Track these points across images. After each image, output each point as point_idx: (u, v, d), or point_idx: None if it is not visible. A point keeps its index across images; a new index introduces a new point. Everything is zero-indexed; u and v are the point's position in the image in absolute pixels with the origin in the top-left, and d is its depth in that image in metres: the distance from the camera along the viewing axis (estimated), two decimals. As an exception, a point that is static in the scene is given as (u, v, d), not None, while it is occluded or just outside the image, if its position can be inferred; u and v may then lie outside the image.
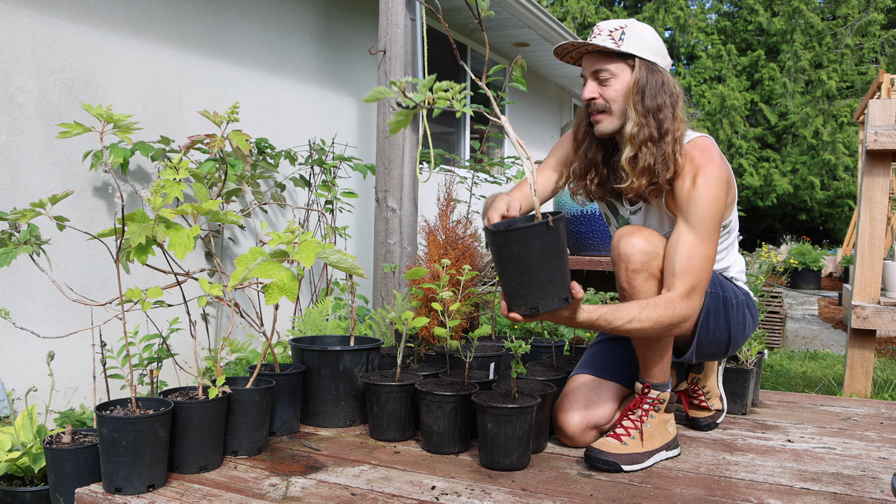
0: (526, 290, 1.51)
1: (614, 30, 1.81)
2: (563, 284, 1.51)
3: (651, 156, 1.79)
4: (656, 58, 1.82)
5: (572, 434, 1.96)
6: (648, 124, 1.78)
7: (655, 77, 1.80)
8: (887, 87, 6.86)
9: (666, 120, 1.79)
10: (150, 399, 1.74)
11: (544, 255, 1.48)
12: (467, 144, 6.46)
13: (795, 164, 19.02)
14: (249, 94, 3.74)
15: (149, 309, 1.83)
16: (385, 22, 3.29)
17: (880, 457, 1.97)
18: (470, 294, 2.77)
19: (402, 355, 2.13)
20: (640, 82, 1.79)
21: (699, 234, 1.77)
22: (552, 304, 1.51)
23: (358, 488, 1.66)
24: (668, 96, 1.80)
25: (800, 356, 4.88)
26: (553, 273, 1.49)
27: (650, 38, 1.82)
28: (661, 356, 1.87)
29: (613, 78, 1.82)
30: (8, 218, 1.73)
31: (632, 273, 1.80)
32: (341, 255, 1.68)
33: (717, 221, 1.79)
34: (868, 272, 3.22)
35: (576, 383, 2.04)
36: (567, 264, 1.54)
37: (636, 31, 1.81)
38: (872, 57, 18.76)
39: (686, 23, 20.96)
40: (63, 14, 2.81)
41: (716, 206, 1.78)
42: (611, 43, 1.79)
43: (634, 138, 1.80)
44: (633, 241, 1.80)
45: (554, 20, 6.05)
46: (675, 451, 1.94)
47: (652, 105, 1.78)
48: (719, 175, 1.79)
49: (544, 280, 1.49)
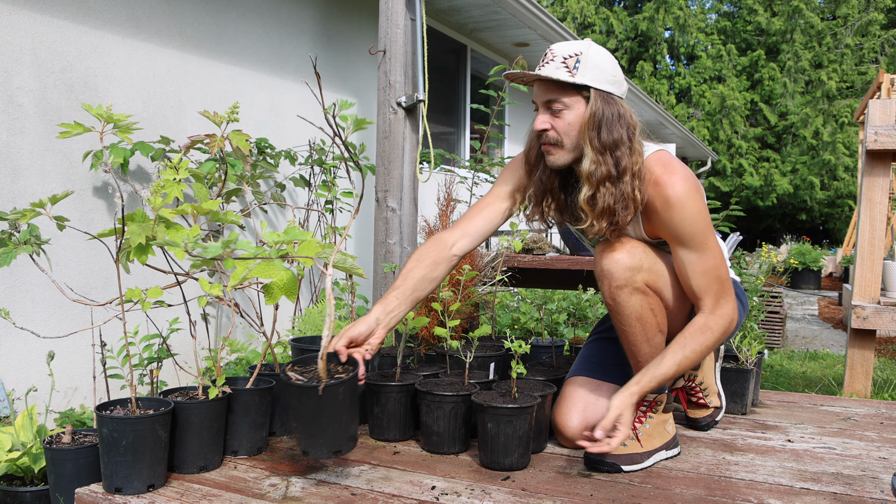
0: (299, 433, 1.61)
1: (568, 56, 1.70)
2: (334, 439, 1.59)
3: (611, 196, 1.71)
4: (612, 87, 1.72)
5: (571, 436, 1.96)
6: (606, 162, 1.69)
7: (612, 109, 1.70)
8: (887, 87, 6.87)
9: (624, 157, 1.70)
10: (150, 399, 1.74)
11: (315, 413, 1.55)
12: (467, 144, 6.47)
13: (795, 164, 19.02)
14: (249, 94, 3.74)
15: (149, 309, 1.83)
16: (385, 22, 3.29)
17: (880, 457, 1.97)
18: (470, 294, 2.77)
19: (402, 355, 2.13)
20: (597, 115, 1.69)
21: (700, 249, 1.75)
22: (321, 453, 1.59)
23: (358, 488, 1.66)
24: (625, 129, 1.70)
25: (800, 356, 4.88)
26: (324, 428, 1.57)
27: (607, 66, 1.71)
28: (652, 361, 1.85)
29: (567, 110, 1.72)
30: (8, 218, 1.73)
31: (615, 290, 1.78)
32: (341, 254, 1.68)
33: (709, 227, 1.76)
34: (868, 272, 3.22)
35: (573, 386, 2.04)
36: (345, 420, 1.60)
37: (592, 58, 1.69)
38: (872, 57, 18.76)
39: (686, 23, 20.97)
40: (63, 14, 2.81)
41: (701, 216, 1.74)
42: (564, 72, 1.69)
43: (592, 176, 1.71)
44: (615, 256, 1.77)
45: (554, 20, 6.04)
46: (674, 450, 1.94)
47: (609, 140, 1.69)
48: (688, 188, 1.73)
49: (313, 431, 1.57)
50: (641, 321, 1.80)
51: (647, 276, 1.78)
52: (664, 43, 21.57)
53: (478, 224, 1.95)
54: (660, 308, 1.83)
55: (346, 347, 1.67)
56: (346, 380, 1.56)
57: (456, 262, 1.93)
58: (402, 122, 3.28)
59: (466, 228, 1.94)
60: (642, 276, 1.77)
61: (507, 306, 4.34)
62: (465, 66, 6.40)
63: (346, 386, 1.56)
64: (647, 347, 1.83)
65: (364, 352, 1.68)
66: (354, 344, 1.70)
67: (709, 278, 1.76)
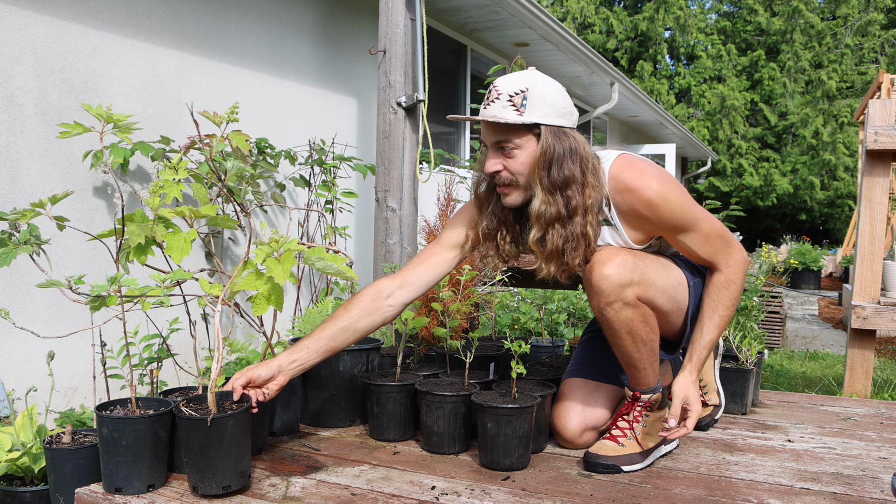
0: (189, 468, 1.59)
1: (514, 94, 1.65)
2: (224, 474, 1.58)
3: (560, 237, 1.69)
4: (563, 119, 1.69)
5: (571, 438, 1.96)
6: (556, 202, 1.67)
7: (563, 144, 1.66)
8: (887, 87, 6.86)
9: (575, 195, 1.67)
10: (150, 399, 1.74)
11: (204, 446, 1.56)
12: (467, 144, 6.47)
13: (795, 164, 19.02)
14: (249, 94, 3.74)
15: (149, 309, 1.83)
16: (385, 22, 3.29)
17: (880, 457, 1.97)
18: (470, 294, 2.77)
19: (402, 355, 2.13)
20: (547, 153, 1.65)
21: (696, 226, 1.76)
22: (210, 488, 1.58)
23: (358, 488, 1.66)
24: (577, 164, 1.67)
25: (800, 356, 4.88)
26: (213, 462, 1.56)
27: (555, 99, 1.67)
28: (645, 365, 1.83)
29: (518, 150, 1.68)
30: (8, 218, 1.73)
31: (605, 306, 1.73)
32: (326, 259, 1.66)
33: (693, 204, 1.77)
34: (868, 272, 3.22)
35: (570, 387, 2.03)
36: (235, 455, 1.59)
37: (539, 93, 1.65)
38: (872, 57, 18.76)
39: (686, 23, 20.96)
40: (63, 14, 2.81)
41: (685, 202, 1.73)
42: (512, 111, 1.64)
43: (541, 217, 1.69)
44: (604, 272, 1.69)
45: (554, 20, 6.05)
46: (673, 443, 1.95)
47: (559, 179, 1.66)
48: (663, 182, 1.72)
49: (203, 465, 1.57)
50: (632, 333, 1.76)
51: (637, 290, 1.73)
52: (664, 43, 21.57)
53: (420, 273, 1.87)
54: (651, 316, 1.80)
55: (244, 387, 1.67)
56: (236, 413, 1.58)
57: (392, 313, 1.84)
58: (402, 122, 3.28)
59: (407, 277, 1.86)
60: (632, 290, 1.71)
61: (507, 306, 4.34)
62: (465, 66, 6.40)
63: (235, 419, 1.57)
64: (640, 353, 1.81)
65: (259, 393, 1.68)
66: (253, 385, 1.69)
67: (712, 242, 1.80)
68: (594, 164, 1.72)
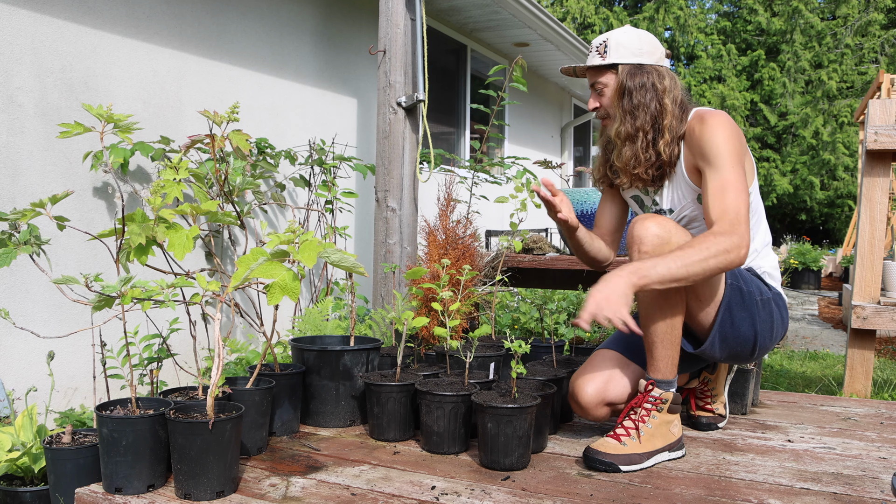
0: (182, 474, 1.59)
1: (599, 45, 1.99)
2: (218, 479, 1.59)
3: (629, 150, 1.98)
4: (640, 58, 1.96)
5: (586, 405, 1.99)
6: (626, 122, 1.97)
7: (637, 79, 1.95)
8: (887, 87, 6.86)
9: (638, 118, 1.95)
10: (150, 399, 1.74)
11: (201, 451, 1.56)
12: (467, 144, 6.46)
13: (795, 164, 19.02)
14: (249, 94, 3.74)
15: (149, 309, 1.83)
16: (385, 22, 3.29)
17: (880, 457, 1.97)
18: (470, 294, 2.77)
19: (402, 355, 2.13)
20: (623, 84, 1.96)
21: (723, 168, 1.82)
22: (204, 494, 1.58)
23: (358, 488, 1.66)
24: (651, 94, 1.94)
25: (800, 356, 4.88)
26: (209, 467, 1.57)
27: (630, 42, 1.96)
28: (668, 348, 1.86)
29: (605, 87, 2.01)
30: (8, 218, 1.73)
31: (644, 255, 1.81)
32: (342, 254, 1.68)
33: (738, 156, 1.84)
34: (868, 272, 3.22)
35: (600, 357, 2.07)
36: (230, 460, 1.60)
37: (615, 40, 1.97)
38: (872, 57, 18.75)
39: (686, 23, 20.96)
40: (63, 14, 2.81)
41: (730, 142, 1.84)
42: (598, 58, 1.99)
43: (618, 137, 2.00)
44: (647, 224, 1.84)
45: (554, 20, 6.04)
46: (678, 452, 1.93)
47: (629, 106, 1.96)
48: (722, 120, 1.88)
49: (198, 471, 1.57)
50: (659, 299, 1.82)
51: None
52: (664, 43, 21.58)
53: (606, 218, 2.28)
54: (680, 290, 1.83)
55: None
56: (234, 417, 1.60)
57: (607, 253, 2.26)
58: (402, 122, 3.28)
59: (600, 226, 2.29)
60: (669, 248, 1.80)
61: (507, 306, 4.34)
62: (465, 66, 6.40)
63: (233, 423, 1.59)
64: (663, 327, 1.84)
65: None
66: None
67: (727, 197, 1.80)
68: (676, 94, 1.97)
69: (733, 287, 1.92)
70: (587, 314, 1.65)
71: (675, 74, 1.99)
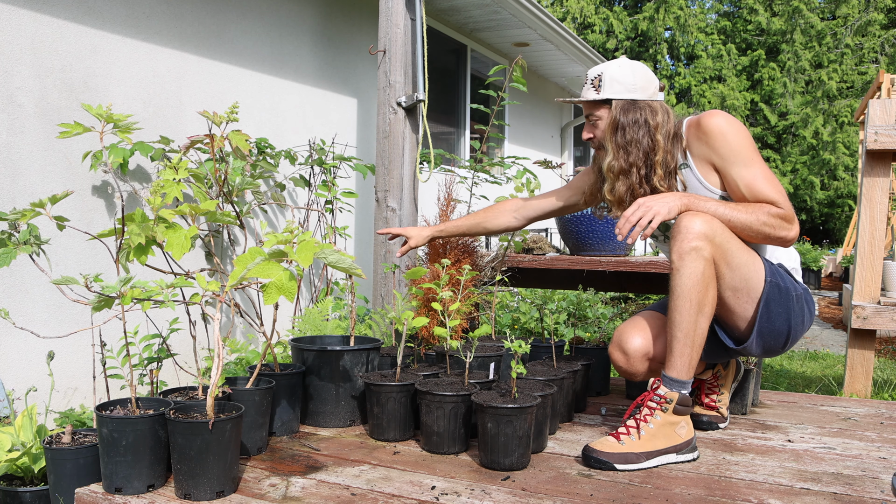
0: (182, 475, 1.59)
1: (594, 78, 2.04)
2: (219, 478, 1.59)
3: (623, 185, 2.01)
4: (634, 93, 1.99)
5: (632, 353, 2.04)
6: (618, 157, 2.00)
7: (630, 115, 1.98)
8: (887, 87, 6.86)
9: (631, 154, 1.98)
10: (150, 399, 1.74)
11: (202, 450, 1.57)
12: (467, 144, 6.46)
13: (795, 164, 19.03)
14: (249, 94, 3.74)
15: (148, 309, 1.83)
16: (385, 22, 3.29)
17: (880, 457, 1.97)
18: (470, 294, 2.77)
19: (402, 355, 2.13)
20: (616, 121, 1.99)
21: (744, 163, 1.87)
22: (204, 493, 1.59)
23: (358, 488, 1.66)
24: (643, 130, 1.97)
25: (800, 356, 4.88)
26: (209, 467, 1.58)
27: (624, 78, 1.99)
28: (688, 346, 1.85)
29: (600, 120, 2.05)
30: (8, 218, 1.73)
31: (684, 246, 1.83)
32: (340, 254, 1.68)
33: (753, 148, 1.89)
34: (868, 272, 3.22)
35: (649, 314, 2.11)
36: (230, 459, 1.61)
37: (610, 74, 2.01)
38: (872, 57, 18.75)
39: (686, 23, 20.96)
40: (63, 14, 2.81)
41: (741, 135, 1.89)
42: (592, 92, 2.04)
43: (610, 171, 2.03)
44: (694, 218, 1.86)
45: (554, 20, 6.04)
46: (688, 455, 1.89)
47: (623, 142, 1.98)
48: (723, 118, 1.92)
49: (199, 470, 1.58)
50: (691, 293, 1.83)
51: (715, 251, 1.84)
52: (664, 43, 21.57)
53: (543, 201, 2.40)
54: (714, 287, 1.86)
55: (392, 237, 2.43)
56: (234, 417, 1.60)
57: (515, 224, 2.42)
58: (402, 122, 3.28)
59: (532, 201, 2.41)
60: (712, 247, 1.83)
61: (507, 306, 4.34)
62: (465, 66, 6.40)
63: (233, 423, 1.60)
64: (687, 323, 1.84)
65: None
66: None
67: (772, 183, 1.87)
68: (669, 128, 1.99)
69: (772, 284, 1.93)
70: (630, 209, 1.84)
71: (668, 108, 2.03)
